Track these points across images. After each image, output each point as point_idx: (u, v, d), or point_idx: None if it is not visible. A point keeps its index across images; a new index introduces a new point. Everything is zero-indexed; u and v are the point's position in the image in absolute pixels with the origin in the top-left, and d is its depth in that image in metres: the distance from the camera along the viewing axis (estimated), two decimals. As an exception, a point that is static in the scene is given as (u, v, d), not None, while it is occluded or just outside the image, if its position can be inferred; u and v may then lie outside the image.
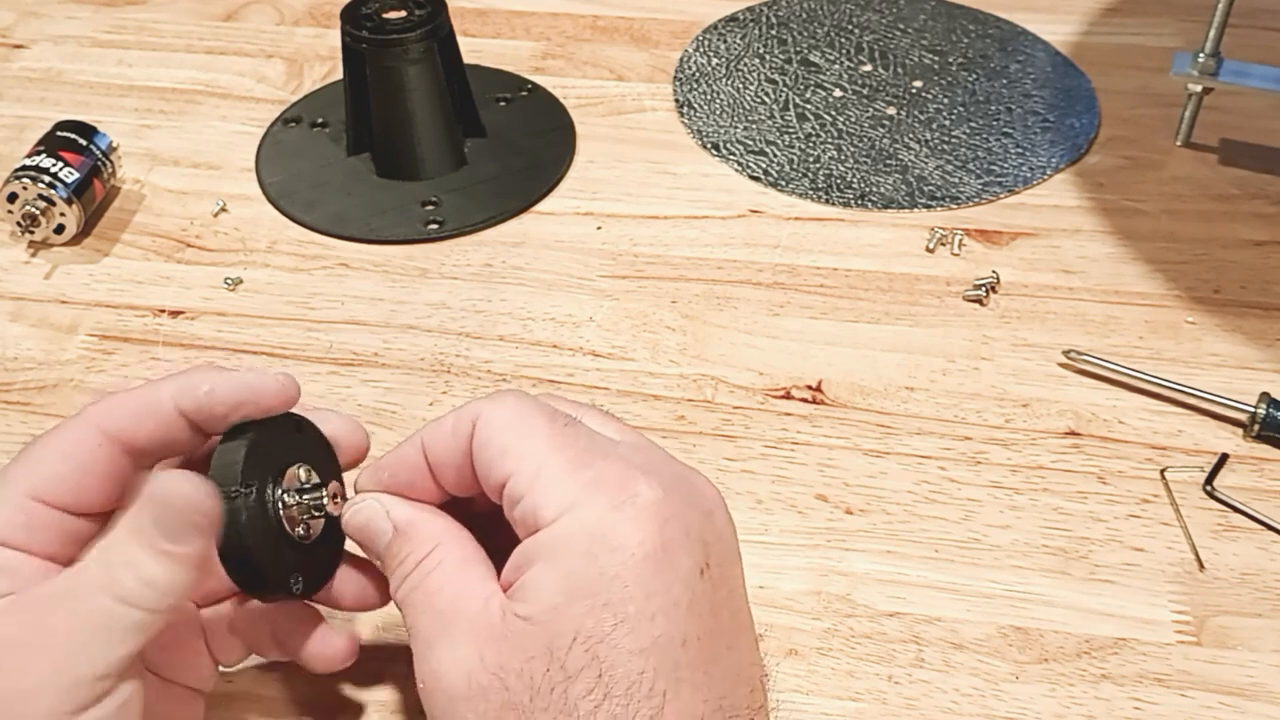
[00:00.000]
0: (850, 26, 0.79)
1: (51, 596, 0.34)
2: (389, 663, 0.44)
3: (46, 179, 0.61)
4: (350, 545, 0.40)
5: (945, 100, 0.72)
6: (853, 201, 0.65)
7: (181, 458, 0.40)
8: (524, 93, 0.74)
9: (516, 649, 0.33)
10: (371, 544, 0.38)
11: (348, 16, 0.64)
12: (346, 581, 0.41)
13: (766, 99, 0.73)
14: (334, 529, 0.40)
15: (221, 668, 0.41)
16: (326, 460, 0.40)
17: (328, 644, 0.40)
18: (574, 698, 0.33)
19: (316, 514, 0.39)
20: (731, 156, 0.68)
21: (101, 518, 0.38)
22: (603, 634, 0.33)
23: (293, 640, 0.40)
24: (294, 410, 0.39)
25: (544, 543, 0.34)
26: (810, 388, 0.55)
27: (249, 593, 0.38)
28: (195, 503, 0.35)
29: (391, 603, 0.39)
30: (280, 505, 0.38)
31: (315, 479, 0.39)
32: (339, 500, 0.40)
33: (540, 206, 0.66)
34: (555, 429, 0.36)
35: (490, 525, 0.38)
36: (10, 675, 0.33)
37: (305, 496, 0.38)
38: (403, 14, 0.64)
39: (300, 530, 0.38)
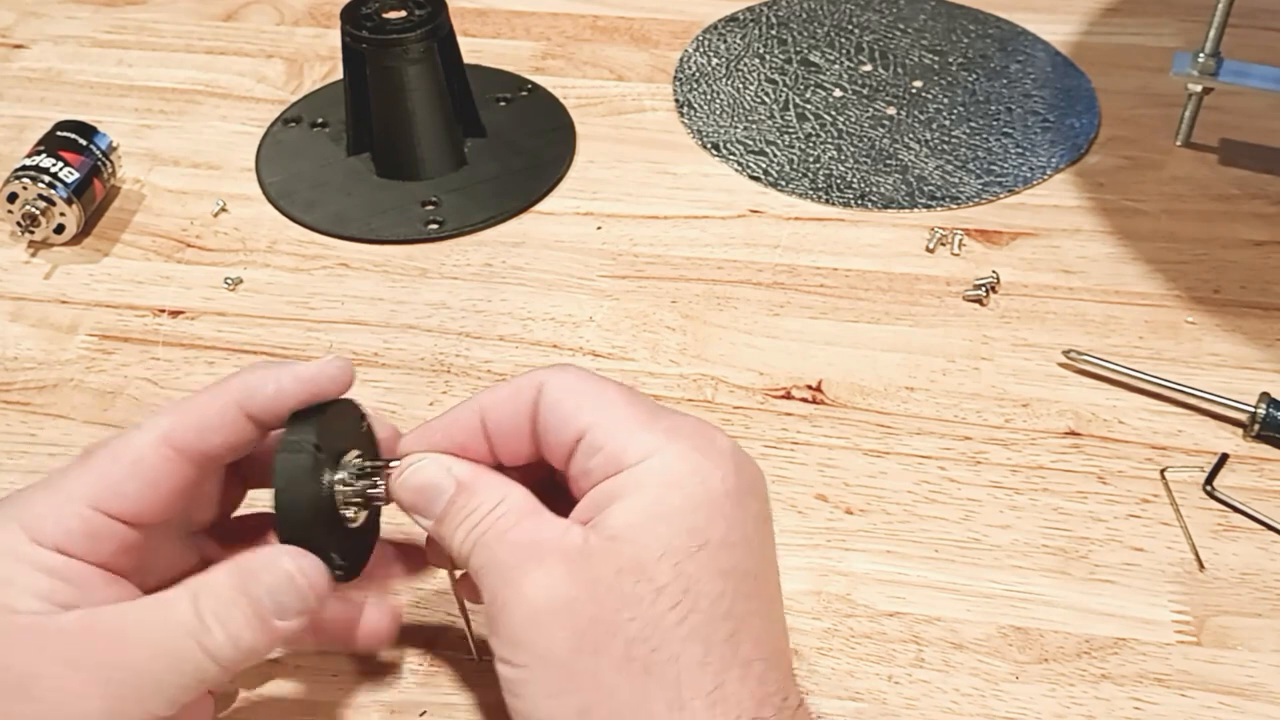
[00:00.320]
0: (850, 26, 0.79)
1: (138, 623, 0.34)
2: (389, 663, 0.44)
3: (46, 179, 0.61)
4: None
5: (945, 100, 0.72)
6: (853, 201, 0.65)
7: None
8: (524, 93, 0.74)
9: (606, 563, 0.34)
10: (429, 503, 0.38)
11: (348, 16, 0.64)
12: (366, 614, 0.41)
13: (766, 99, 0.73)
14: (373, 520, 0.40)
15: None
16: (373, 448, 0.41)
17: (371, 620, 0.41)
18: (662, 609, 0.33)
19: (373, 502, 0.39)
20: (731, 156, 0.68)
21: (159, 528, 0.38)
22: (689, 553, 0.34)
23: (335, 623, 0.41)
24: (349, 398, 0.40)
25: (627, 479, 0.35)
26: (810, 388, 0.55)
27: None
28: (316, 586, 0.36)
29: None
30: (336, 487, 0.38)
31: (368, 466, 0.39)
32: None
33: (540, 206, 0.66)
34: (623, 390, 0.38)
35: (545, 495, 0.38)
36: (72, 697, 0.33)
37: (361, 483, 0.39)
38: (403, 14, 0.64)
39: (349, 514, 0.39)
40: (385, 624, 0.42)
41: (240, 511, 0.43)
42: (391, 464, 0.39)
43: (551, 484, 0.39)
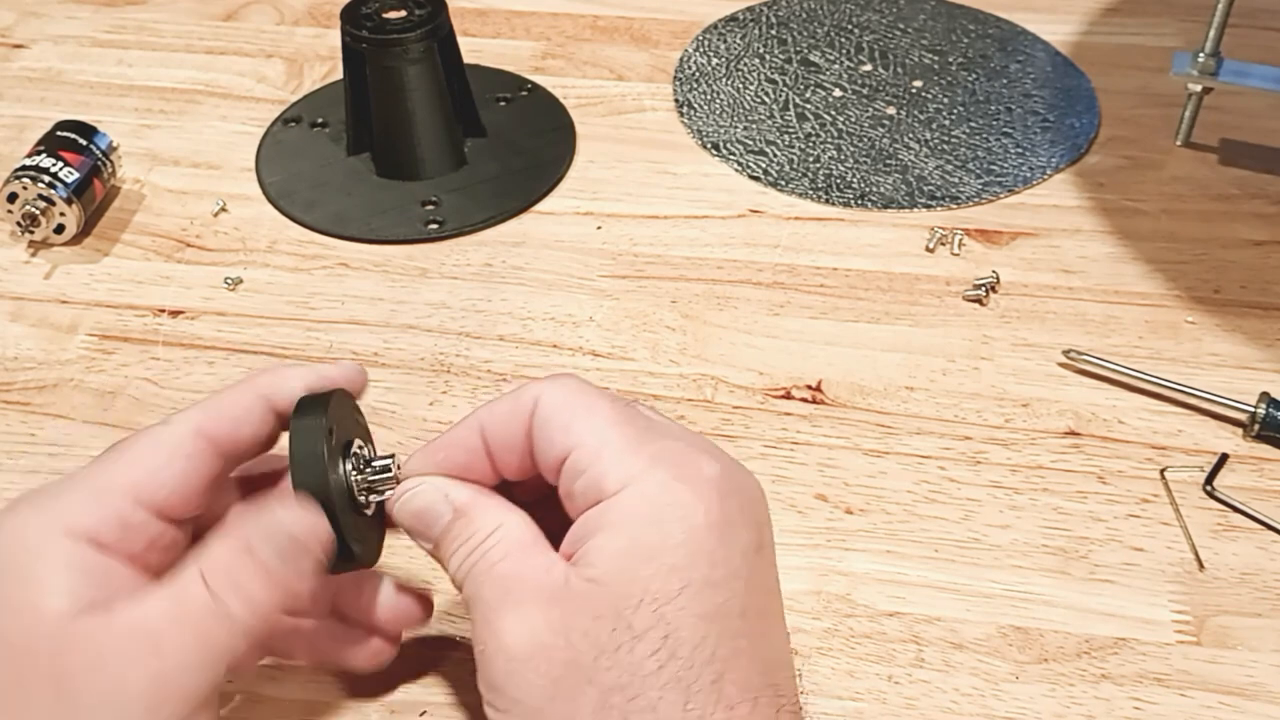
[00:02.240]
0: (850, 26, 0.79)
1: (158, 612, 0.34)
2: (390, 663, 0.44)
3: (46, 179, 0.61)
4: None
5: (945, 100, 0.72)
6: (853, 201, 0.65)
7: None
8: (524, 93, 0.74)
9: (582, 608, 0.34)
10: (427, 528, 0.38)
11: (348, 16, 0.64)
12: (360, 644, 0.42)
13: (766, 99, 0.73)
14: (380, 513, 0.41)
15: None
16: (363, 427, 0.41)
17: (369, 644, 0.41)
18: (640, 657, 0.33)
19: (386, 488, 0.39)
20: (731, 156, 0.68)
21: (185, 524, 0.38)
22: (669, 596, 0.33)
23: (328, 643, 0.41)
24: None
25: (608, 512, 0.35)
26: (810, 387, 0.55)
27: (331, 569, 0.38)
28: (320, 534, 0.36)
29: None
30: (354, 483, 0.38)
31: (375, 453, 0.40)
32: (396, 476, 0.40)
33: (540, 206, 0.66)
34: (617, 408, 0.37)
35: (537, 514, 0.38)
36: (107, 697, 0.33)
37: (370, 471, 0.39)
38: (403, 14, 0.64)
39: (364, 500, 0.39)
40: (386, 650, 0.42)
41: None
42: (395, 458, 0.39)
43: (557, 497, 0.39)
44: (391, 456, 0.40)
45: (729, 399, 0.55)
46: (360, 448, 0.40)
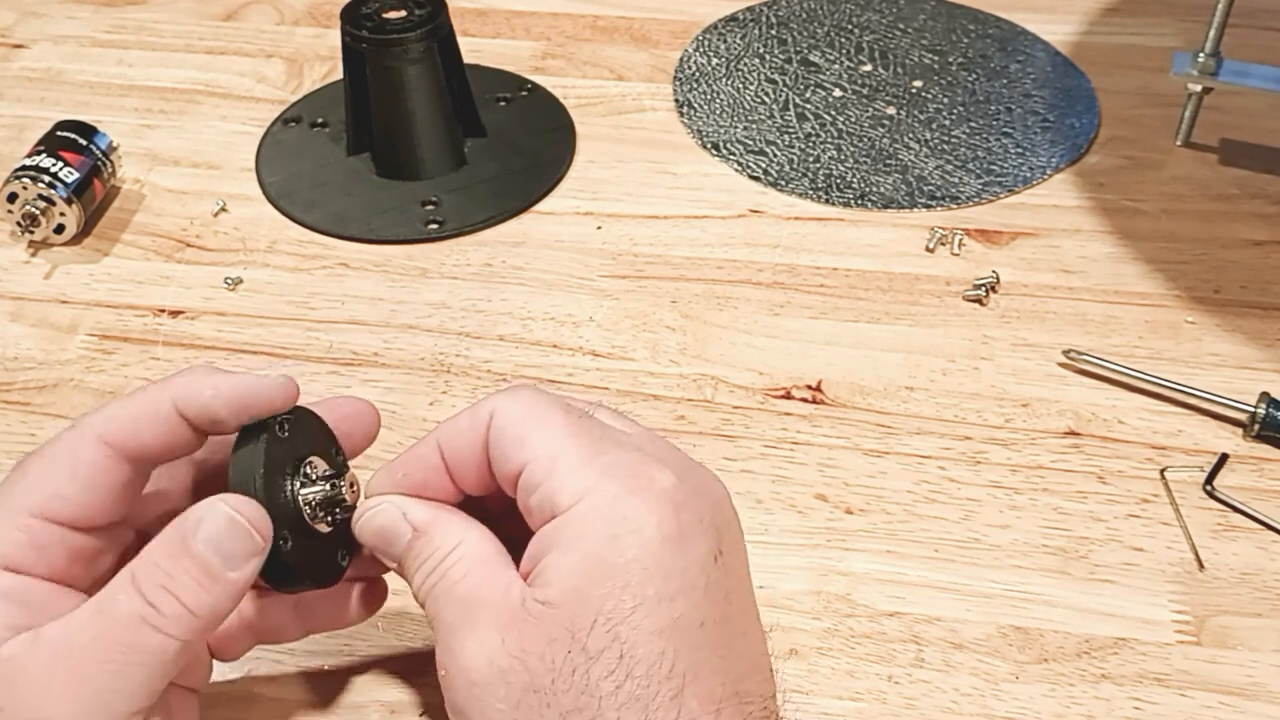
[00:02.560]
0: (850, 26, 0.79)
1: (81, 629, 0.33)
2: (390, 662, 0.44)
3: (46, 179, 0.61)
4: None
5: (945, 100, 0.72)
6: (853, 201, 0.65)
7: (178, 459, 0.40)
8: (524, 93, 0.74)
9: (538, 632, 0.33)
10: (389, 547, 0.38)
11: (348, 16, 0.64)
12: (316, 604, 0.41)
13: (766, 99, 0.73)
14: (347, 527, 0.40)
15: (224, 665, 0.41)
16: (330, 445, 0.40)
17: (355, 595, 0.41)
18: (595, 678, 0.33)
19: (339, 509, 0.39)
20: (731, 156, 0.68)
21: (104, 532, 0.37)
22: (623, 615, 0.33)
23: (319, 609, 0.41)
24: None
25: (561, 528, 0.34)
26: (810, 387, 0.55)
27: (279, 589, 0.38)
28: (257, 526, 0.35)
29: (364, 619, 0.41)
30: (301, 501, 0.38)
31: (328, 470, 0.39)
32: (355, 488, 0.39)
33: (540, 206, 0.66)
34: (570, 419, 0.36)
35: (504, 526, 0.38)
36: (39, 716, 0.32)
37: (323, 490, 0.38)
38: (403, 14, 0.64)
39: (326, 520, 0.38)
40: (372, 597, 0.42)
41: None
42: (349, 475, 0.39)
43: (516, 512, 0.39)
44: (341, 475, 0.39)
45: (729, 399, 0.55)
46: (315, 466, 0.39)
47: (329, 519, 0.39)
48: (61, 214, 0.62)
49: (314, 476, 0.38)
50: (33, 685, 0.33)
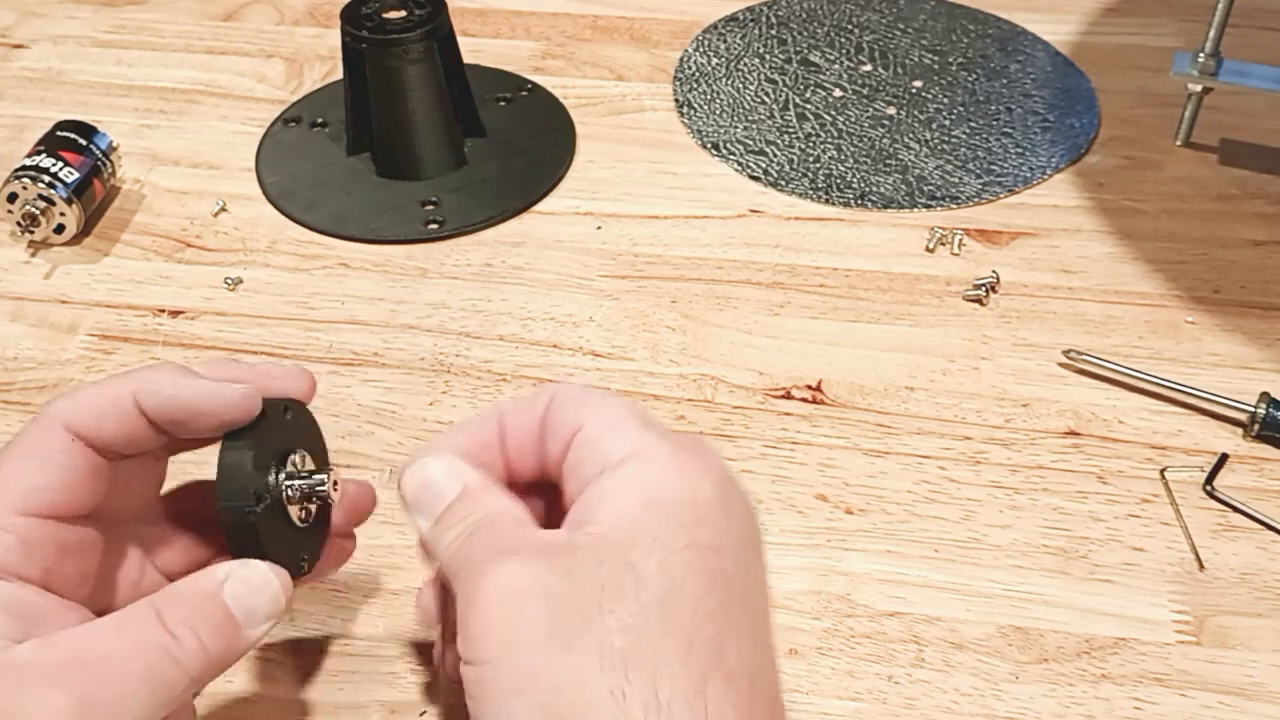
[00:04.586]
0: (850, 26, 0.79)
1: (98, 642, 0.33)
2: (390, 662, 0.44)
3: (46, 179, 0.61)
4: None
5: (945, 100, 0.72)
6: (853, 201, 0.65)
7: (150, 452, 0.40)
8: (524, 93, 0.74)
9: (586, 553, 0.33)
10: (429, 504, 0.37)
11: (348, 16, 0.64)
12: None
13: (766, 99, 0.73)
14: (324, 511, 0.40)
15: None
16: (315, 439, 0.41)
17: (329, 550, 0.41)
18: (645, 602, 0.32)
19: (322, 502, 0.39)
20: (731, 156, 0.68)
21: (85, 524, 0.37)
22: (676, 548, 0.33)
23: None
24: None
25: (615, 475, 0.35)
26: (810, 388, 0.55)
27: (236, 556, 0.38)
28: (280, 595, 0.36)
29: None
30: (285, 496, 0.38)
31: (311, 465, 0.39)
32: (337, 486, 0.40)
33: (540, 206, 0.66)
34: (627, 401, 0.38)
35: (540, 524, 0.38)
36: (30, 714, 0.32)
37: (306, 484, 0.38)
38: (403, 14, 0.64)
39: (300, 514, 0.39)
40: (345, 547, 0.42)
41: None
42: (335, 467, 0.40)
43: (555, 509, 0.39)
44: (325, 471, 0.39)
45: (729, 399, 0.55)
46: (302, 458, 0.39)
47: (309, 513, 0.39)
48: (61, 214, 0.62)
49: (296, 471, 0.39)
50: (43, 689, 0.32)
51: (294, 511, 0.38)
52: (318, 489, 0.39)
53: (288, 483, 0.38)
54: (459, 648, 0.33)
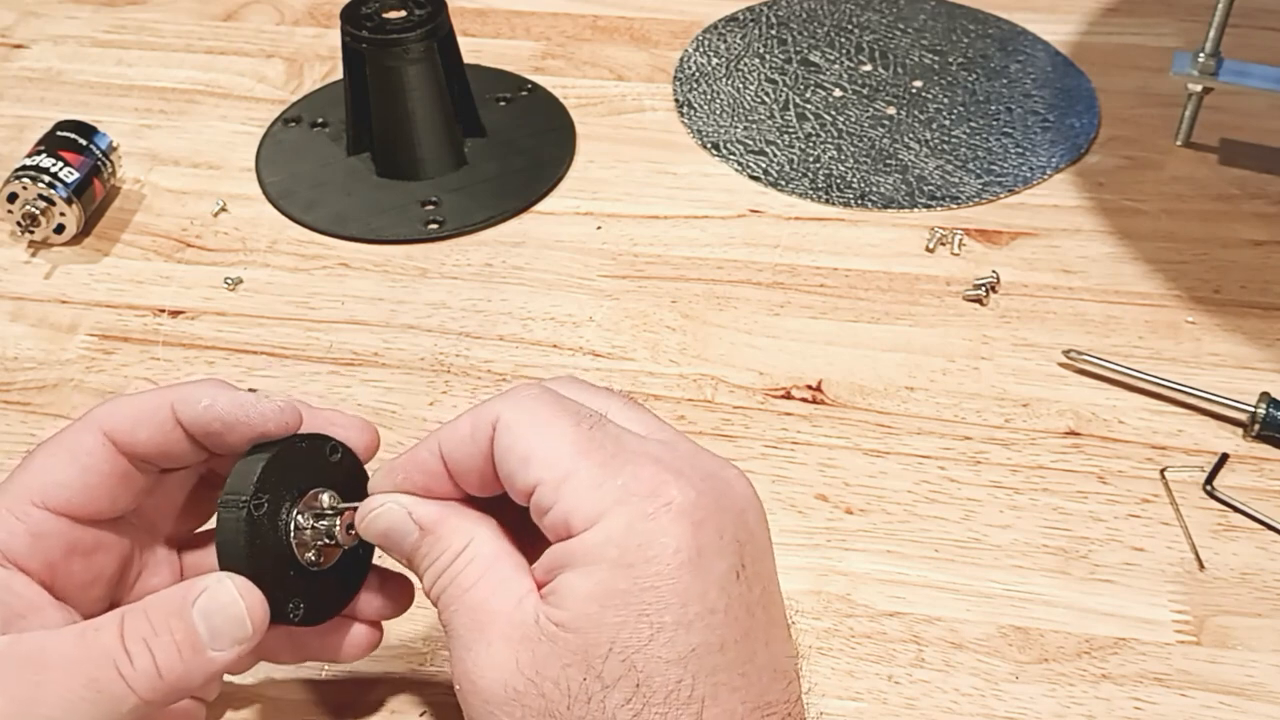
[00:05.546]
0: (850, 26, 0.79)
1: (58, 647, 0.33)
2: (389, 662, 0.44)
3: (46, 179, 0.61)
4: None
5: (945, 100, 0.72)
6: (853, 201, 0.65)
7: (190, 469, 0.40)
8: (524, 93, 0.74)
9: (552, 655, 0.33)
10: (396, 546, 0.37)
11: (348, 16, 0.64)
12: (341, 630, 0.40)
13: (766, 99, 0.73)
14: (352, 562, 0.39)
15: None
16: (357, 489, 0.39)
17: (352, 634, 0.40)
18: (612, 707, 0.32)
19: (328, 541, 0.38)
20: (731, 156, 0.68)
21: (104, 529, 0.37)
22: (639, 644, 0.32)
23: (312, 640, 0.40)
24: (333, 437, 0.39)
25: (576, 550, 0.33)
26: (810, 387, 0.55)
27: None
28: (253, 614, 0.35)
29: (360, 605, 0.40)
30: (293, 526, 0.37)
31: (335, 505, 0.38)
32: (353, 533, 0.38)
33: (540, 206, 0.66)
34: (580, 432, 0.35)
35: (519, 515, 0.36)
36: None
37: (320, 522, 0.37)
38: (403, 14, 0.64)
39: (310, 556, 0.37)
40: (371, 637, 0.41)
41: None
42: (355, 507, 0.38)
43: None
44: (340, 513, 0.38)
45: (729, 399, 0.55)
46: (331, 498, 0.38)
47: (320, 556, 0.38)
48: (61, 214, 0.62)
49: (315, 509, 0.38)
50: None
51: (304, 552, 0.37)
52: (327, 530, 0.37)
53: (300, 511, 0.37)
54: (453, 675, 0.35)
